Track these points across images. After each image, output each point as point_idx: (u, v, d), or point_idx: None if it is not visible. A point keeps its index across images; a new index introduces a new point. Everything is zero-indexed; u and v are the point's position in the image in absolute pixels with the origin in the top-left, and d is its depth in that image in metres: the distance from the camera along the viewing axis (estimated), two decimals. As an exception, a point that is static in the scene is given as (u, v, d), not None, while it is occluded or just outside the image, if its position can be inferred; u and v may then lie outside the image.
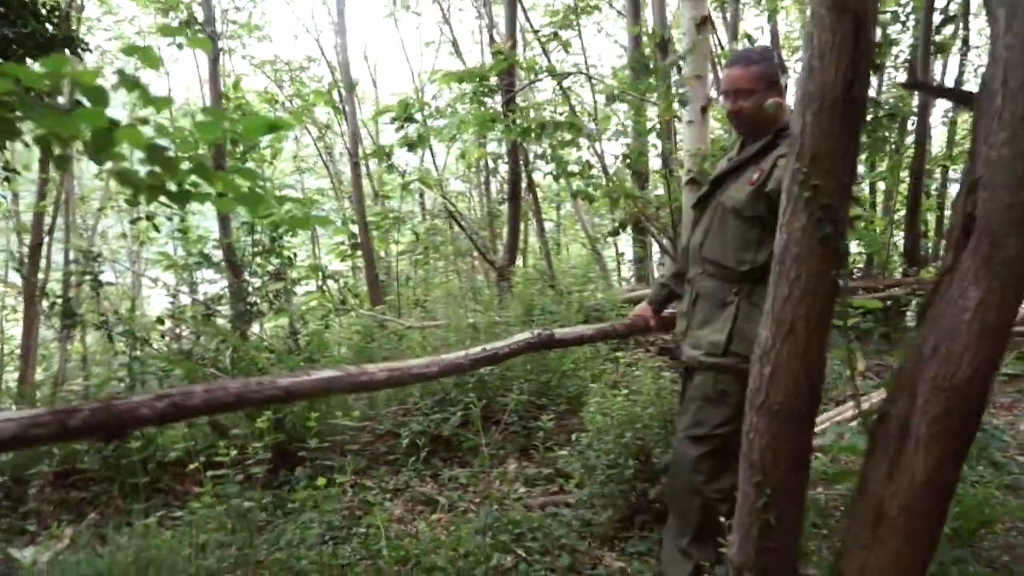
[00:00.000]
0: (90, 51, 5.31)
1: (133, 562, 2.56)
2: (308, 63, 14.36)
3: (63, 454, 4.00)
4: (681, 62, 2.96)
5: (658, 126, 3.61)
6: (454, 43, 13.68)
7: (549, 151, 4.10)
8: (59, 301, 4.10)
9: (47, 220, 10.02)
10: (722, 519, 2.22)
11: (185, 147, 1.57)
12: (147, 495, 3.91)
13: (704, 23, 3.10)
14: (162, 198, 1.61)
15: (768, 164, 2.44)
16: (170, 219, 5.83)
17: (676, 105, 3.00)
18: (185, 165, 1.55)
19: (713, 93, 3.18)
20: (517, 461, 4.21)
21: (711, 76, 3.15)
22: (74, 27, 5.62)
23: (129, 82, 1.39)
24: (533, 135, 3.75)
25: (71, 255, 9.81)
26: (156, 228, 5.14)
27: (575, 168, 4.18)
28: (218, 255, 6.65)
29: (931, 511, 1.44)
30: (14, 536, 3.33)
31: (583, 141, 4.18)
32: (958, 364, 1.33)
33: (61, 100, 1.55)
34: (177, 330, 4.58)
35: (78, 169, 13.25)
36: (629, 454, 3.23)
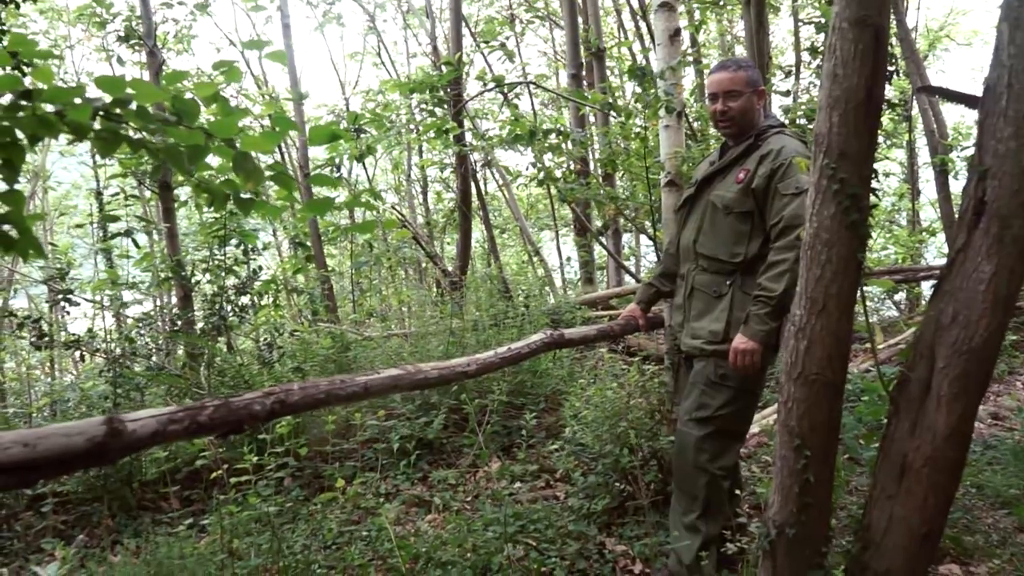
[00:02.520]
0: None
1: (160, 568, 2.57)
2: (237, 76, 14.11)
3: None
4: (667, 72, 3.16)
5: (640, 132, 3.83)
6: (379, 54, 13.74)
7: (533, 159, 4.25)
8: (28, 321, 4.00)
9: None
10: (735, 492, 2.43)
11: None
12: (134, 514, 3.87)
13: (677, 35, 3.32)
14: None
15: (752, 164, 2.66)
16: (117, 236, 5.72)
17: (662, 112, 3.20)
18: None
19: (685, 97, 3.40)
20: (500, 460, 4.32)
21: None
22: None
23: (213, 98, 1.47)
24: (523, 142, 3.90)
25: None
26: (136, 244, 5.05)
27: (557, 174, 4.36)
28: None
29: (952, 461, 1.64)
30: (11, 558, 3.25)
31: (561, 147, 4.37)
32: (975, 330, 1.54)
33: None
34: (148, 346, 4.51)
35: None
36: (621, 443, 3.40)
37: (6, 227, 1.31)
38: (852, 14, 1.59)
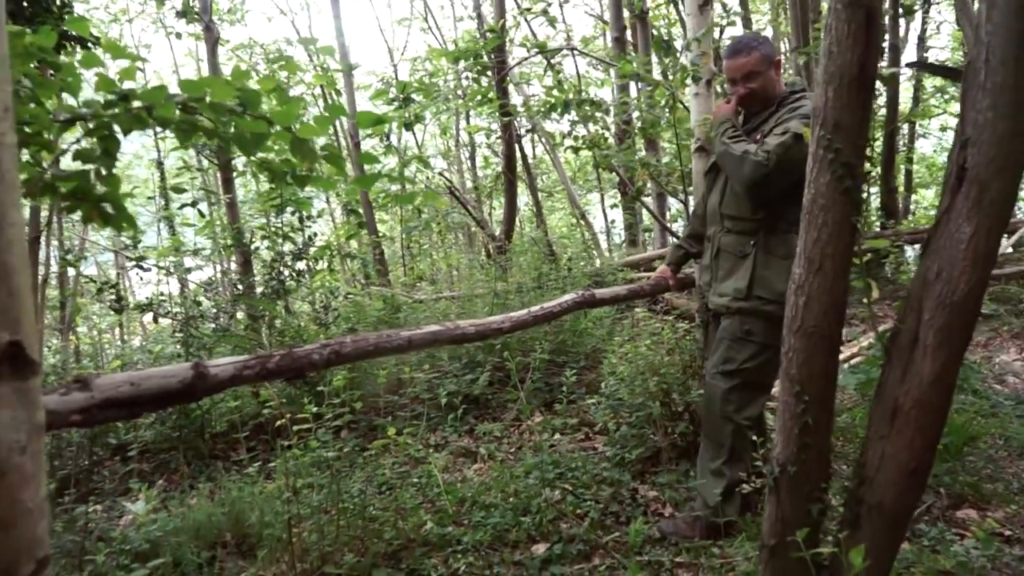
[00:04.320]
0: (99, 45, 5.49)
1: (233, 506, 2.89)
2: (288, 45, 14.46)
3: (125, 428, 4.31)
4: (693, 44, 3.28)
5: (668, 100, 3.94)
6: (426, 19, 13.86)
7: (568, 126, 4.42)
8: (105, 287, 4.36)
9: (43, 213, 10.17)
10: (753, 439, 2.61)
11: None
12: (207, 462, 4.25)
13: (707, 4, 3.42)
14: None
15: (769, 126, 2.80)
16: (184, 207, 6.07)
17: (689, 80, 3.33)
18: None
19: (713, 67, 3.51)
20: (542, 414, 4.56)
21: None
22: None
23: (277, 90, 1.69)
24: (558, 111, 4.05)
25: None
26: (201, 214, 5.40)
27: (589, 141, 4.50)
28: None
29: (937, 405, 1.80)
30: (102, 497, 3.65)
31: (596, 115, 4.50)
32: (956, 285, 1.69)
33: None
34: (213, 309, 4.85)
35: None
36: (654, 397, 3.60)
37: (104, 205, 1.56)
38: (846, -5, 1.73)
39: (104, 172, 1.50)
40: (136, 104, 1.41)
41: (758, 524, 2.71)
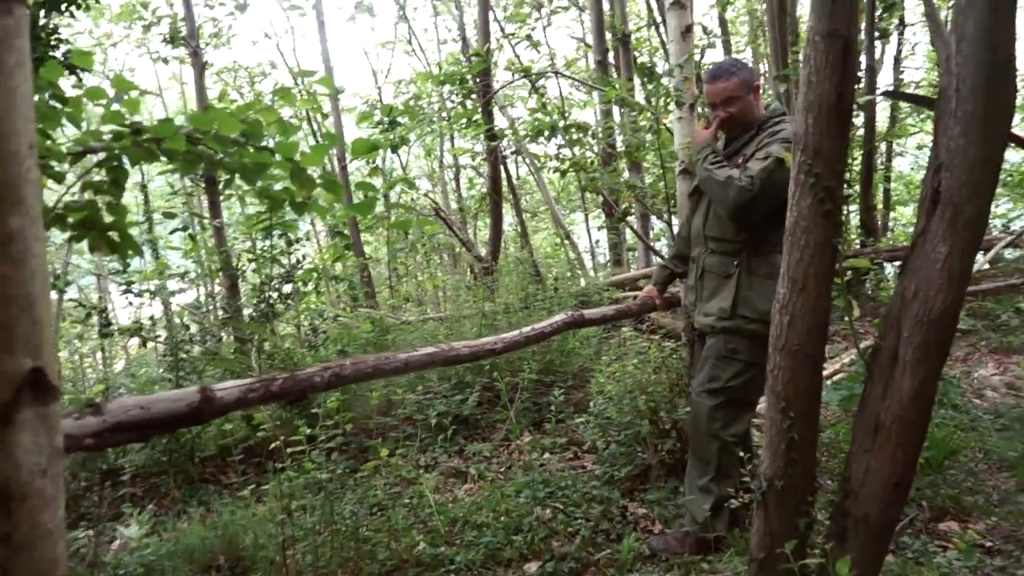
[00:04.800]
0: (88, 73, 5.53)
1: (226, 530, 2.90)
2: (270, 68, 14.54)
3: (114, 453, 4.30)
4: (676, 69, 3.37)
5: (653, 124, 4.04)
6: (410, 42, 13.98)
7: (556, 149, 4.50)
8: (95, 312, 4.37)
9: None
10: (740, 455, 2.67)
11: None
12: (197, 485, 4.24)
13: (688, 31, 3.52)
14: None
15: (751, 150, 2.89)
16: (176, 231, 6.08)
17: (672, 105, 3.42)
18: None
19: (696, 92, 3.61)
20: (531, 434, 4.60)
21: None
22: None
23: (279, 122, 1.75)
24: (545, 136, 4.13)
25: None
26: (192, 239, 5.42)
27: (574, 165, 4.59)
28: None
29: (917, 420, 1.87)
30: (93, 522, 3.63)
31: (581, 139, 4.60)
32: (933, 303, 1.76)
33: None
34: (199, 333, 4.86)
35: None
36: (642, 415, 3.65)
37: (111, 233, 1.60)
38: (824, 28, 1.81)
39: (112, 202, 1.54)
40: (146, 137, 1.46)
41: (746, 539, 2.76)
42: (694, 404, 3.03)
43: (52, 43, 5.73)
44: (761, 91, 3.03)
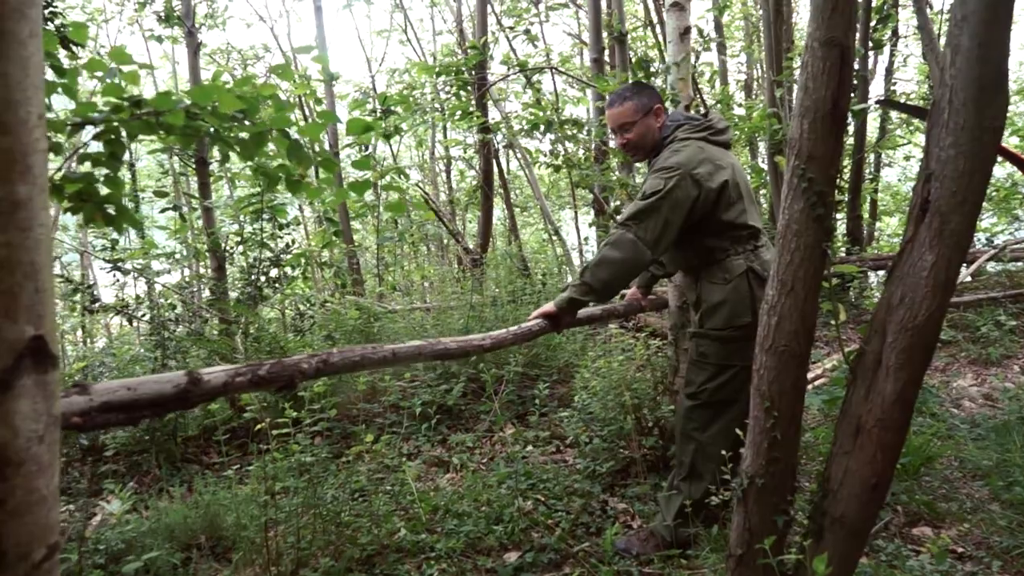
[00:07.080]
0: (82, 47, 5.49)
1: (208, 509, 2.90)
2: (264, 52, 14.46)
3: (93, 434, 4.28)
4: (673, 68, 3.39)
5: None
6: (406, 32, 13.93)
7: (550, 144, 4.51)
8: (81, 288, 4.34)
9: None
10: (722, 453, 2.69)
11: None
12: (179, 465, 4.23)
13: (687, 33, 3.55)
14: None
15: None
16: (166, 211, 6.05)
17: (668, 104, 3.44)
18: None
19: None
20: (515, 426, 4.63)
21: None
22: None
23: (274, 96, 1.75)
24: (541, 131, 4.14)
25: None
26: (183, 218, 5.39)
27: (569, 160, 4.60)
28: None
29: (897, 423, 1.90)
30: (75, 497, 3.62)
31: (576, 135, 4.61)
32: (918, 310, 1.80)
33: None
34: (186, 314, 4.84)
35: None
36: (626, 411, 3.68)
37: (107, 206, 1.60)
38: (822, 35, 1.84)
39: (110, 175, 1.54)
40: (145, 110, 1.46)
41: (725, 536, 2.80)
42: (677, 404, 3.07)
43: (47, 15, 5.68)
44: (665, 112, 2.96)
